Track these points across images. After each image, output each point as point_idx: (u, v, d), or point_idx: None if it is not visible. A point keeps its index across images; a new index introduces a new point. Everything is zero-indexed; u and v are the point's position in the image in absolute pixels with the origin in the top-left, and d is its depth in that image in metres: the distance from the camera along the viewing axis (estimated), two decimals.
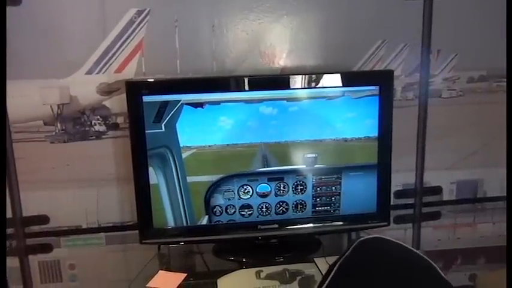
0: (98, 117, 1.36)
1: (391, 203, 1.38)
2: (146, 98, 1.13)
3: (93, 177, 1.37)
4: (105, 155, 1.36)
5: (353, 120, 1.22)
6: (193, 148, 1.18)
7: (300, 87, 1.19)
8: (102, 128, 1.36)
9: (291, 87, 1.19)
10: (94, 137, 1.36)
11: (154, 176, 1.18)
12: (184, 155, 1.18)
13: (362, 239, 0.60)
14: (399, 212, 1.52)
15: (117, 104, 1.33)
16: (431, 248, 1.57)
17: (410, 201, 1.53)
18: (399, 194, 1.51)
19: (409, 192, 1.52)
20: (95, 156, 1.36)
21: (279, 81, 1.22)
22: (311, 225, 1.26)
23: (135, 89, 1.14)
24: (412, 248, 0.57)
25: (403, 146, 1.41)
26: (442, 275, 0.57)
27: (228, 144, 1.19)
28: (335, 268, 0.57)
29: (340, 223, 1.27)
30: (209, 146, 1.18)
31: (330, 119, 1.21)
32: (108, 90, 1.33)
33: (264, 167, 1.22)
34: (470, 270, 1.62)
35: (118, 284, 1.44)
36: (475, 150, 1.52)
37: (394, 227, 1.50)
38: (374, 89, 1.20)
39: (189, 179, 1.20)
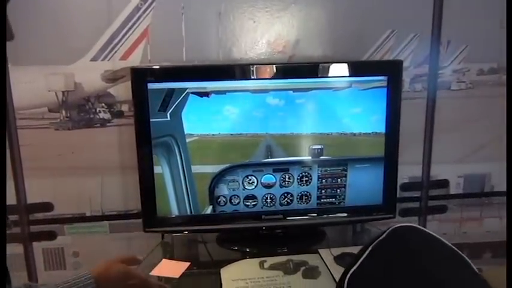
0: (103, 104, 1.35)
1: (397, 196, 1.36)
2: (151, 85, 1.12)
3: (97, 165, 1.37)
4: (110, 143, 1.36)
5: (360, 112, 1.20)
6: (196, 136, 1.17)
7: (307, 76, 1.17)
8: (107, 116, 1.35)
9: (298, 76, 1.17)
10: (99, 125, 1.35)
11: (159, 165, 1.17)
12: (188, 144, 1.17)
13: (397, 225, 0.60)
14: (405, 205, 1.50)
15: (122, 91, 1.32)
16: None
17: (417, 194, 1.51)
18: (405, 187, 1.49)
19: (416, 185, 1.50)
20: (99, 144, 1.36)
21: (286, 70, 1.20)
22: (316, 216, 1.25)
23: (140, 76, 1.13)
24: (446, 241, 0.56)
25: (410, 139, 1.39)
26: (476, 271, 0.56)
27: (232, 134, 1.17)
28: (368, 250, 0.58)
29: (345, 214, 1.26)
30: (213, 134, 1.17)
31: (336, 111, 1.20)
32: (113, 78, 1.32)
33: (268, 158, 1.21)
34: (476, 264, 1.59)
35: None
36: (484, 143, 1.50)
37: (400, 220, 1.49)
38: (382, 79, 1.18)
39: (194, 168, 1.19)
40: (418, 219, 1.54)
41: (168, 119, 1.15)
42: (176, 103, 1.14)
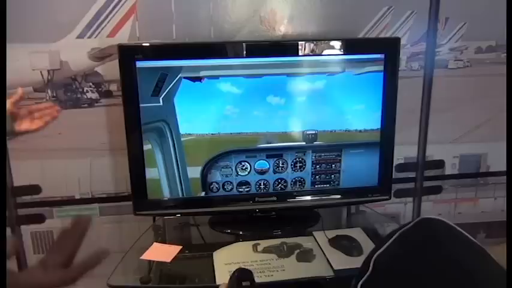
0: (90, 84, 1.30)
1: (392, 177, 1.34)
2: (140, 64, 1.08)
3: (86, 146, 1.33)
4: (98, 124, 1.32)
5: (355, 102, 1.18)
6: (189, 135, 1.15)
7: (302, 54, 1.13)
8: (95, 96, 1.31)
9: (292, 54, 1.13)
10: (86, 105, 1.31)
11: (150, 147, 1.14)
12: (182, 136, 1.14)
13: (426, 216, 0.60)
14: (400, 186, 1.49)
15: (110, 70, 1.27)
16: None
17: (412, 174, 1.49)
18: (400, 168, 1.47)
19: (411, 166, 1.48)
20: (87, 125, 1.31)
21: (279, 47, 1.16)
22: (310, 198, 1.23)
23: (128, 54, 1.08)
24: (475, 240, 0.57)
25: (406, 118, 1.36)
26: (501, 266, 0.56)
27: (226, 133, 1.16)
28: (395, 235, 0.58)
29: (340, 196, 1.23)
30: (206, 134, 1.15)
31: (331, 98, 1.17)
32: (100, 56, 1.27)
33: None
34: None
35: (112, 256, 1.40)
36: (480, 123, 1.48)
37: (395, 200, 1.47)
38: (379, 57, 1.15)
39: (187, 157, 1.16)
40: (413, 200, 1.52)
41: (161, 104, 1.11)
42: (168, 88, 1.10)
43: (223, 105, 1.13)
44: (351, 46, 1.15)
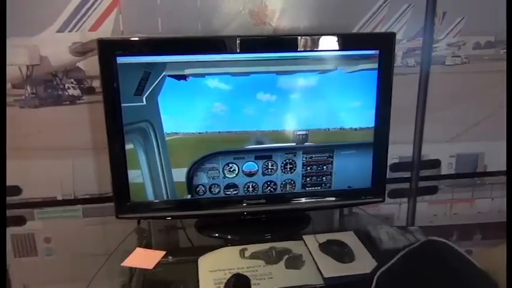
0: (72, 80, 1.24)
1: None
2: (121, 59, 1.02)
3: (68, 145, 1.27)
4: (81, 122, 1.26)
5: (348, 101, 1.13)
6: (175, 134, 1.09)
7: (294, 49, 1.08)
8: (77, 92, 1.25)
9: (284, 49, 1.07)
10: (68, 102, 1.25)
11: (133, 149, 1.08)
12: (166, 136, 1.08)
13: (431, 238, 0.62)
14: (394, 186, 1.44)
15: (93, 66, 1.20)
16: (426, 223, 1.51)
17: (407, 174, 1.45)
18: (395, 167, 1.42)
19: (406, 166, 1.44)
20: (69, 123, 1.26)
21: (270, 43, 1.10)
22: (301, 200, 1.18)
23: (108, 49, 1.02)
24: (477, 264, 0.56)
25: (401, 116, 1.30)
26: None
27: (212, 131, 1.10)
28: (398, 255, 0.60)
29: (333, 199, 1.19)
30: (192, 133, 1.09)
31: (322, 96, 1.12)
32: (82, 51, 1.21)
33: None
34: (466, 246, 1.56)
35: (97, 259, 1.35)
36: (478, 122, 1.43)
37: (389, 201, 1.43)
38: (373, 53, 1.09)
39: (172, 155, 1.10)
40: (407, 200, 1.48)
41: (144, 103, 1.05)
42: (152, 87, 1.04)
43: (211, 103, 1.08)
44: (344, 42, 1.10)
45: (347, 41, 1.11)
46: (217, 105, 1.08)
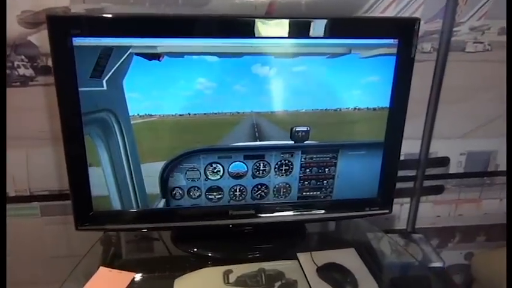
0: (23, 57, 1.02)
1: None
2: (77, 41, 0.81)
3: (20, 134, 1.07)
4: (35, 107, 1.06)
5: (359, 86, 0.93)
6: (141, 118, 0.88)
7: (290, 36, 0.86)
8: (29, 72, 1.03)
9: (279, 35, 0.86)
10: (19, 83, 1.04)
11: (93, 146, 0.89)
12: (134, 126, 0.88)
13: None
14: (397, 185, 1.28)
15: (48, 41, 0.99)
16: (428, 225, 1.37)
17: (412, 173, 1.30)
18: (400, 165, 1.25)
19: (412, 163, 1.28)
20: (21, 108, 1.05)
21: (263, 25, 0.89)
22: (296, 212, 1.01)
23: (61, 27, 0.80)
24: None
25: (411, 109, 1.13)
26: None
27: (190, 114, 0.89)
28: None
29: (332, 209, 1.02)
30: (164, 115, 0.88)
31: (329, 84, 0.92)
32: (33, 22, 0.99)
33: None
34: (468, 248, 1.44)
35: (59, 261, 1.21)
36: (493, 117, 1.27)
37: None
38: (391, 43, 0.90)
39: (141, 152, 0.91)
40: (410, 200, 1.33)
41: (105, 88, 0.84)
42: (115, 68, 0.83)
43: (194, 79, 0.87)
44: (355, 29, 0.90)
45: (359, 29, 0.90)
46: (201, 81, 0.88)
